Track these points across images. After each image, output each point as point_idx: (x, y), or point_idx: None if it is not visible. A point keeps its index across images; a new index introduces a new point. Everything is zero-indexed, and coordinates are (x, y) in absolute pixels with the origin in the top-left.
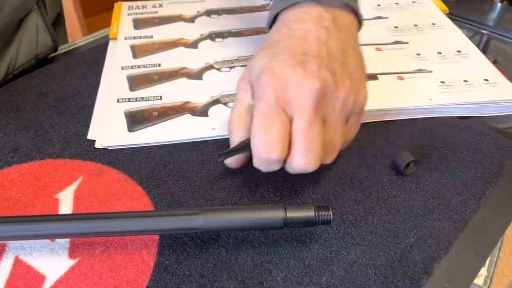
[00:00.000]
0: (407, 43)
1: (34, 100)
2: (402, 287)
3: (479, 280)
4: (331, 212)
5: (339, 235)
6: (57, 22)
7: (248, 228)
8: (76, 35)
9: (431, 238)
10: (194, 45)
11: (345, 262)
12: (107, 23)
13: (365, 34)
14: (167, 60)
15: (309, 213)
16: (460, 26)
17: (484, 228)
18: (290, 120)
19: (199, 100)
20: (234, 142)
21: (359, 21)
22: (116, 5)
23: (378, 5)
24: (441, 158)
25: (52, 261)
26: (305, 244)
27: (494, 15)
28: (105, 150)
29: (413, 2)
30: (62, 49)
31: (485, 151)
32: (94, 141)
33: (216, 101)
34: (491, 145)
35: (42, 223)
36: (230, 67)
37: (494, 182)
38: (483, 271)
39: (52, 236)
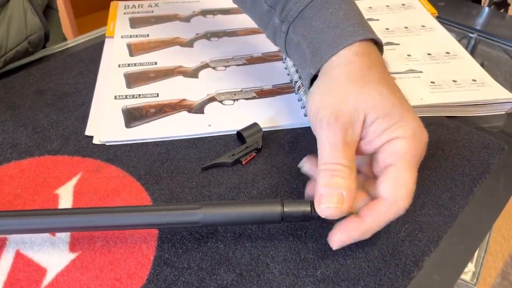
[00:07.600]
0: (398, 44)
1: (32, 97)
2: (394, 279)
3: (466, 276)
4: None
5: None
6: (50, 15)
7: (246, 222)
8: (68, 35)
9: (422, 232)
10: (189, 44)
11: (339, 255)
12: (98, 23)
13: None
14: (163, 59)
15: (306, 208)
16: (448, 29)
17: (472, 223)
18: None
19: (195, 97)
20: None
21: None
22: (112, 4)
23: (370, 7)
24: (430, 156)
25: (53, 254)
26: (301, 238)
27: (481, 19)
28: (103, 146)
29: (403, 5)
30: (59, 47)
31: (473, 150)
32: (92, 137)
33: (212, 99)
34: (479, 144)
35: (42, 217)
36: (226, 66)
37: (481, 180)
38: (471, 267)
39: (52, 230)
